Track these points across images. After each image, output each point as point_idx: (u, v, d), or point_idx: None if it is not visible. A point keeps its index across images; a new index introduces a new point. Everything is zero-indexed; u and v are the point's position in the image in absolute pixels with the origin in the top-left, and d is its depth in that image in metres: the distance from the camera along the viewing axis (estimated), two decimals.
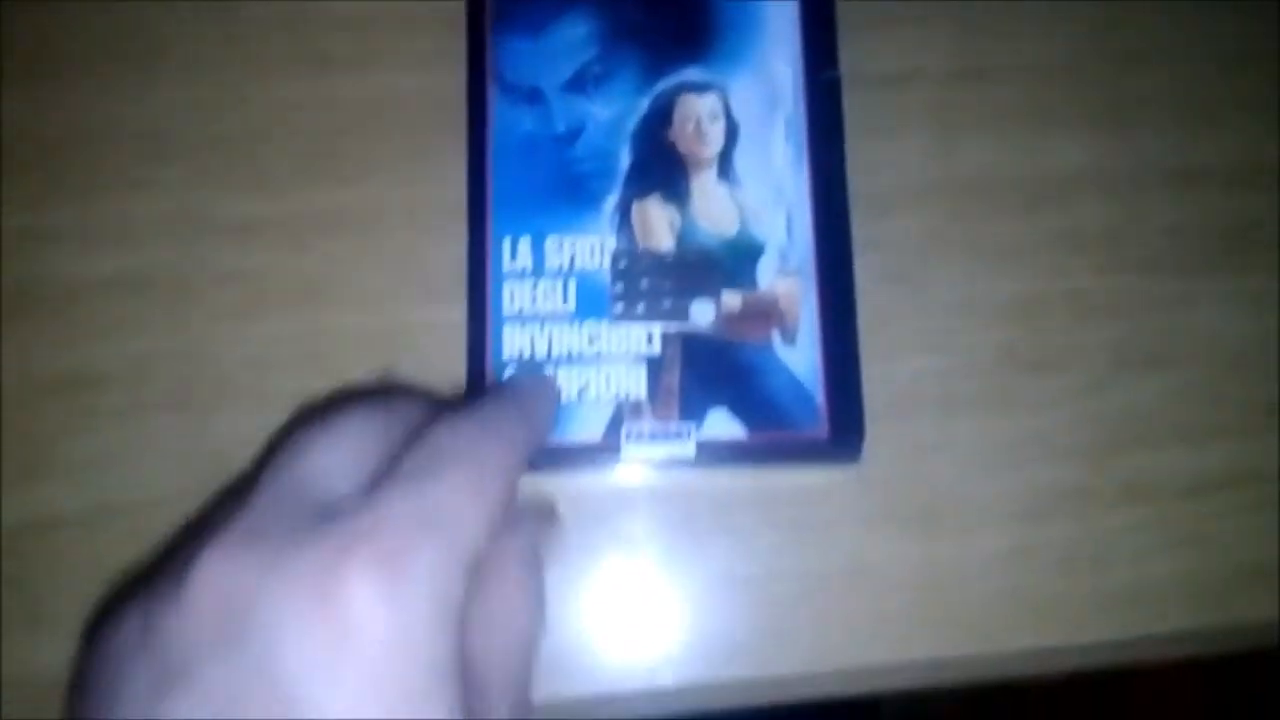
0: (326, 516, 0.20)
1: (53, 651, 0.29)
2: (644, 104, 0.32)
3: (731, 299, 0.31)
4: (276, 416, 0.31)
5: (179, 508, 0.30)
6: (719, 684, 0.30)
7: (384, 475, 0.21)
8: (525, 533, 0.26)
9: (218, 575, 0.19)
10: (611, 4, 0.32)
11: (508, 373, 0.30)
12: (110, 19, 0.34)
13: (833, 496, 0.31)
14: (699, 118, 0.32)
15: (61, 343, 0.32)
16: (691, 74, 0.32)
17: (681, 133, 0.32)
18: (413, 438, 0.22)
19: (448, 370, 0.31)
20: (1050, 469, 0.32)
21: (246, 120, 0.33)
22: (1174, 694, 0.80)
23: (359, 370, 0.31)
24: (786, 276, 0.31)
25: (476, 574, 0.20)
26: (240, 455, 0.30)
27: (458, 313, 0.31)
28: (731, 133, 0.32)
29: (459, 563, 0.20)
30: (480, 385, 0.30)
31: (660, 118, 0.32)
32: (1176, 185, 0.34)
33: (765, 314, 0.30)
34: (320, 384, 0.31)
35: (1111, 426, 0.32)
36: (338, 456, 0.22)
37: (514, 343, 0.30)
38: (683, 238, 0.31)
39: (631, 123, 0.32)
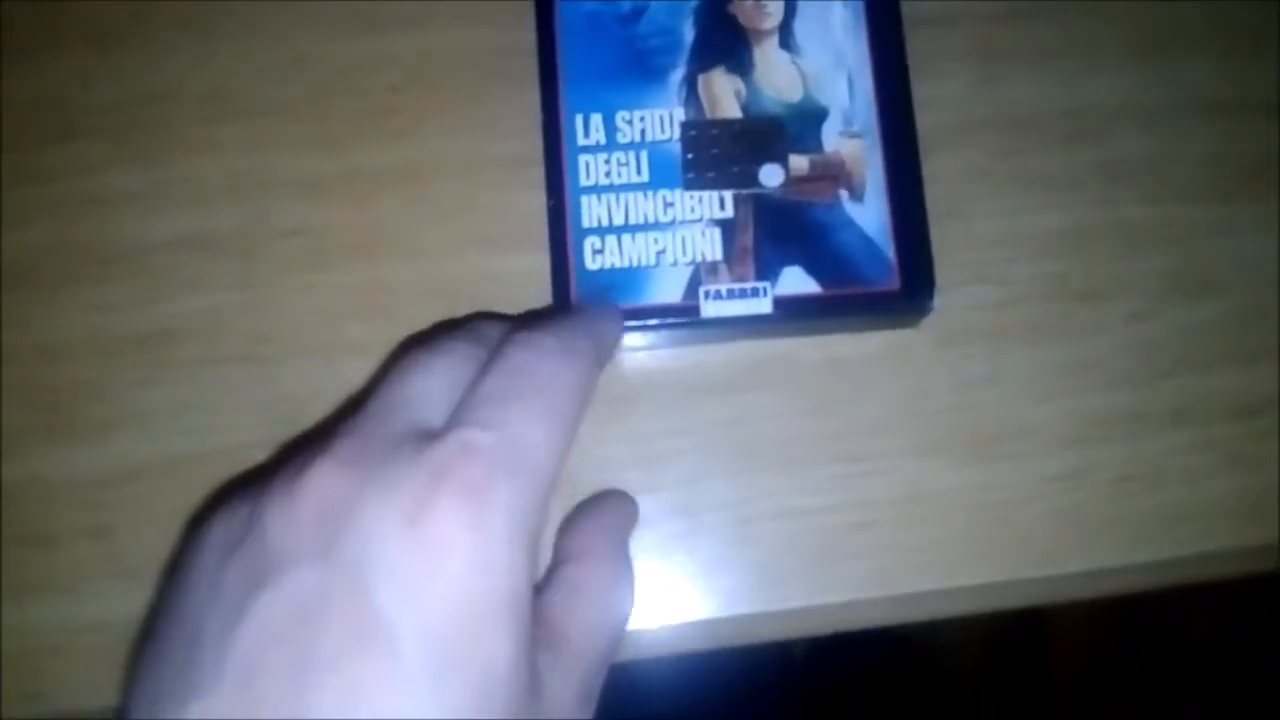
0: (422, 438, 0.22)
1: (135, 599, 0.30)
2: None
3: (799, 162, 0.31)
4: (344, 365, 0.32)
5: (253, 455, 0.31)
6: (769, 614, 0.31)
7: (469, 396, 0.23)
8: (615, 511, 0.28)
9: (325, 484, 0.21)
10: None
11: (589, 240, 0.31)
12: None
13: (887, 423, 0.32)
14: None
15: (135, 300, 0.33)
16: None
17: (742, 6, 0.32)
18: (495, 356, 0.24)
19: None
20: (1102, 394, 0.32)
21: (306, 80, 0.34)
22: (1196, 623, 0.78)
23: (422, 318, 0.32)
24: (851, 138, 0.32)
25: (549, 501, 0.22)
26: (310, 403, 0.31)
27: (517, 261, 0.32)
28: (791, 3, 0.32)
29: (536, 493, 0.22)
30: (563, 252, 0.31)
31: None
32: (1216, 115, 0.34)
33: (833, 175, 0.31)
34: (385, 333, 0.32)
35: (1161, 351, 0.32)
36: (433, 382, 0.24)
37: (592, 212, 0.31)
38: (749, 106, 0.32)
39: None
